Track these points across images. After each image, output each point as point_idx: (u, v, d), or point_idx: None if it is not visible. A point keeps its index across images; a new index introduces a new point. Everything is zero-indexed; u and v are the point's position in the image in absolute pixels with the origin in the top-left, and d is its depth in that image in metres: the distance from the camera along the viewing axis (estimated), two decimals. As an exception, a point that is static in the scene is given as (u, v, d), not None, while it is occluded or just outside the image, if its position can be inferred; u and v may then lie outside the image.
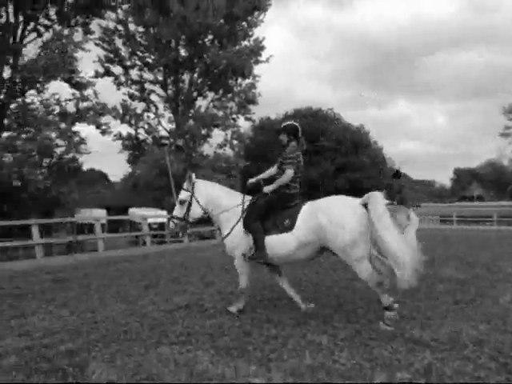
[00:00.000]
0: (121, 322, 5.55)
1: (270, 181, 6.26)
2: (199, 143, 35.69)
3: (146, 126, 36.01)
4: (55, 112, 25.82)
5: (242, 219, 6.08)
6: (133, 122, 35.15)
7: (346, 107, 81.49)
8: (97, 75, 32.82)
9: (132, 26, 33.53)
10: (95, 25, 30.29)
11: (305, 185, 41.94)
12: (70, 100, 26.33)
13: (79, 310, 6.21)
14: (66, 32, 25.37)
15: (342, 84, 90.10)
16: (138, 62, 35.18)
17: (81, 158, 26.87)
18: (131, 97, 35.46)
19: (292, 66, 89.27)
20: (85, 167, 28.14)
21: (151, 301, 6.66)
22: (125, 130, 38.00)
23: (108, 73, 34.67)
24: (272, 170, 6.48)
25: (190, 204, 6.30)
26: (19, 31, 24.92)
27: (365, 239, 5.49)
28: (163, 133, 35.78)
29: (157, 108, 36.08)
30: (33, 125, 24.37)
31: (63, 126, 25.45)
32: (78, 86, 26.46)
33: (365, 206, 5.52)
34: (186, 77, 35.42)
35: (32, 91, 25.31)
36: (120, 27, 33.44)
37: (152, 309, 6.17)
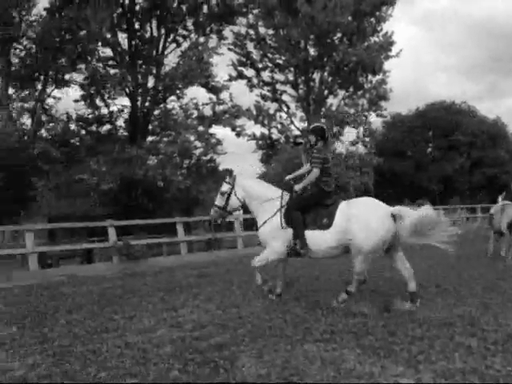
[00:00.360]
0: (265, 317, 5.79)
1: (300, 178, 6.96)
2: (331, 141, 35.66)
3: (279, 126, 36.66)
4: (194, 116, 27.39)
5: (281, 213, 6.63)
6: (266, 122, 35.93)
7: (479, 99, 76.35)
8: (231, 79, 34.08)
9: (262, 30, 34.29)
10: (228, 31, 31.44)
11: (439, 181, 40.42)
12: (207, 104, 27.79)
13: (224, 304, 6.62)
14: (201, 40, 26.90)
15: (474, 75, 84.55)
16: (269, 64, 35.89)
17: (218, 158, 28.20)
18: (264, 98, 36.31)
19: (421, 60, 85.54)
20: (221, 167, 29.45)
21: (293, 297, 6.84)
22: (258, 130, 38.99)
23: (241, 76, 35.76)
24: (305, 168, 6.99)
25: (229, 195, 7.03)
26: (161, 43, 26.74)
27: (384, 247, 6.25)
28: (296, 132, 36.29)
29: (288, 108, 36.58)
30: (174, 129, 26.06)
31: (201, 128, 26.91)
32: (214, 90, 27.85)
33: (393, 216, 6.20)
34: (316, 76, 35.50)
35: (172, 97, 27.15)
36: (251, 31, 34.36)
37: (294, 305, 6.36)
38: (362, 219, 6.15)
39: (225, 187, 7.07)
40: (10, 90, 22.28)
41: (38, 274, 10.36)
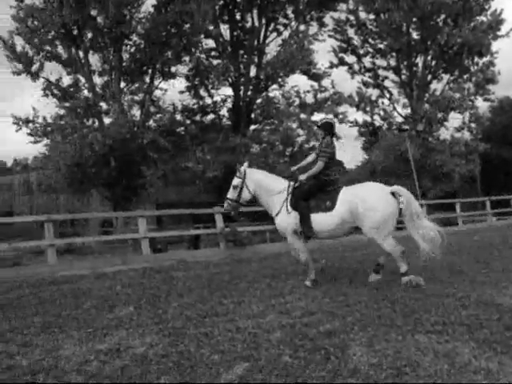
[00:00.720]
0: (373, 306, 5.72)
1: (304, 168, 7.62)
2: (436, 127, 34.40)
3: (381, 113, 35.92)
4: (295, 104, 27.44)
5: (288, 200, 7.24)
6: (368, 108, 35.35)
7: None
8: (332, 66, 33.79)
9: (363, 14, 33.64)
10: (328, 18, 31.11)
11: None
12: (308, 91, 27.73)
13: (331, 292, 6.61)
14: (302, 28, 26.83)
15: None
16: (371, 50, 35.15)
17: (319, 146, 28.03)
18: (365, 84, 35.67)
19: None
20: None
21: (403, 287, 6.72)
22: (360, 117, 38.42)
23: (342, 62, 35.35)
24: (309, 159, 7.81)
25: (241, 189, 7.52)
26: (262, 33, 26.96)
27: (391, 221, 6.88)
28: (398, 119, 35.39)
29: (391, 94, 35.69)
30: (276, 117, 26.25)
31: (303, 116, 26.90)
32: (316, 77, 27.74)
33: (392, 194, 6.91)
34: (419, 60, 34.30)
35: (274, 86, 27.31)
36: (351, 17, 33.79)
37: (402, 295, 6.20)
38: (365, 200, 6.85)
39: (236, 181, 7.59)
40: (122, 84, 23.46)
41: (149, 257, 10.92)
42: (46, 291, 7.42)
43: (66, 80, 23.91)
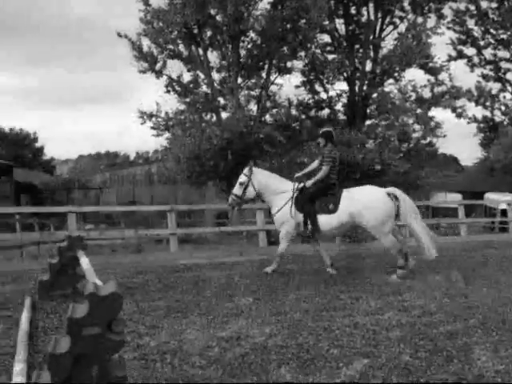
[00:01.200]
0: (496, 309, 5.51)
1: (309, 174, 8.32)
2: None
3: (502, 108, 33.94)
4: (412, 98, 26.58)
5: (293, 202, 7.86)
6: (488, 103, 33.56)
7: None
8: (450, 59, 32.38)
9: (484, 3, 31.83)
10: (447, 9, 29.68)
11: None
12: (425, 86, 26.74)
13: (450, 292, 6.44)
14: (419, 20, 25.87)
15: None
16: (492, 41, 33.22)
17: (437, 142, 27.04)
18: (485, 77, 33.86)
19: None
20: (440, 151, 28.24)
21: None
22: (479, 112, 36.53)
23: (461, 55, 33.79)
24: (314, 165, 8.43)
25: (246, 186, 8.08)
26: (378, 26, 26.39)
27: (391, 219, 7.61)
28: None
29: (514, 87, 33.62)
30: (391, 112, 25.59)
31: (419, 111, 26.01)
32: (432, 71, 26.66)
33: (388, 195, 7.68)
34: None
35: (390, 80, 26.63)
36: (471, 7, 32.12)
37: None
38: (365, 202, 7.54)
39: (243, 178, 8.16)
40: (239, 80, 24.02)
41: (266, 250, 11.12)
42: (169, 277, 7.80)
43: (187, 76, 24.93)
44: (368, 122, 26.74)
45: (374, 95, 26.44)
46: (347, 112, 26.86)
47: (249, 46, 24.08)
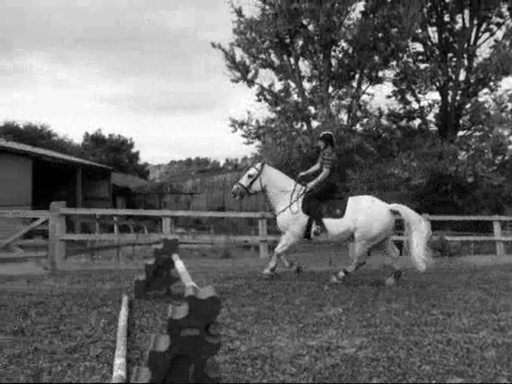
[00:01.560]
0: None
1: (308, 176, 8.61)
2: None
3: None
4: (508, 109, 25.46)
5: (297, 203, 8.16)
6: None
7: None
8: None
9: None
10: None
11: None
12: (522, 96, 25.53)
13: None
14: (517, 26, 24.78)
15: None
16: None
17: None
18: None
19: None
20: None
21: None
22: None
23: None
24: (315, 168, 8.75)
25: (254, 179, 8.40)
26: (473, 34, 25.52)
27: (382, 234, 7.95)
28: None
29: None
30: (486, 123, 24.65)
31: (516, 122, 24.88)
32: (532, 79, 25.47)
33: (392, 211, 7.97)
34: None
35: (485, 90, 25.66)
36: None
37: None
38: (368, 213, 7.85)
39: (252, 171, 8.49)
40: (330, 89, 24.06)
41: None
42: (259, 284, 7.98)
43: (278, 85, 25.26)
44: (460, 133, 25.90)
45: (468, 105, 25.61)
46: (439, 122, 26.16)
47: (340, 56, 24.11)
